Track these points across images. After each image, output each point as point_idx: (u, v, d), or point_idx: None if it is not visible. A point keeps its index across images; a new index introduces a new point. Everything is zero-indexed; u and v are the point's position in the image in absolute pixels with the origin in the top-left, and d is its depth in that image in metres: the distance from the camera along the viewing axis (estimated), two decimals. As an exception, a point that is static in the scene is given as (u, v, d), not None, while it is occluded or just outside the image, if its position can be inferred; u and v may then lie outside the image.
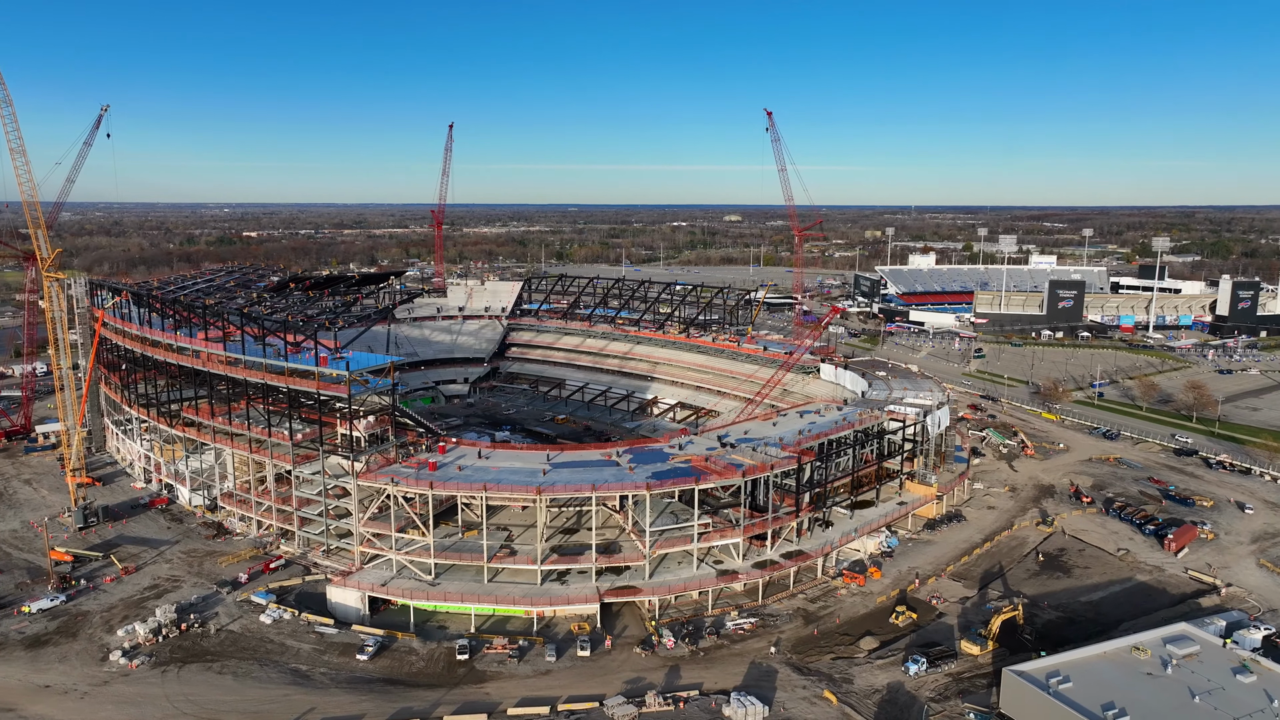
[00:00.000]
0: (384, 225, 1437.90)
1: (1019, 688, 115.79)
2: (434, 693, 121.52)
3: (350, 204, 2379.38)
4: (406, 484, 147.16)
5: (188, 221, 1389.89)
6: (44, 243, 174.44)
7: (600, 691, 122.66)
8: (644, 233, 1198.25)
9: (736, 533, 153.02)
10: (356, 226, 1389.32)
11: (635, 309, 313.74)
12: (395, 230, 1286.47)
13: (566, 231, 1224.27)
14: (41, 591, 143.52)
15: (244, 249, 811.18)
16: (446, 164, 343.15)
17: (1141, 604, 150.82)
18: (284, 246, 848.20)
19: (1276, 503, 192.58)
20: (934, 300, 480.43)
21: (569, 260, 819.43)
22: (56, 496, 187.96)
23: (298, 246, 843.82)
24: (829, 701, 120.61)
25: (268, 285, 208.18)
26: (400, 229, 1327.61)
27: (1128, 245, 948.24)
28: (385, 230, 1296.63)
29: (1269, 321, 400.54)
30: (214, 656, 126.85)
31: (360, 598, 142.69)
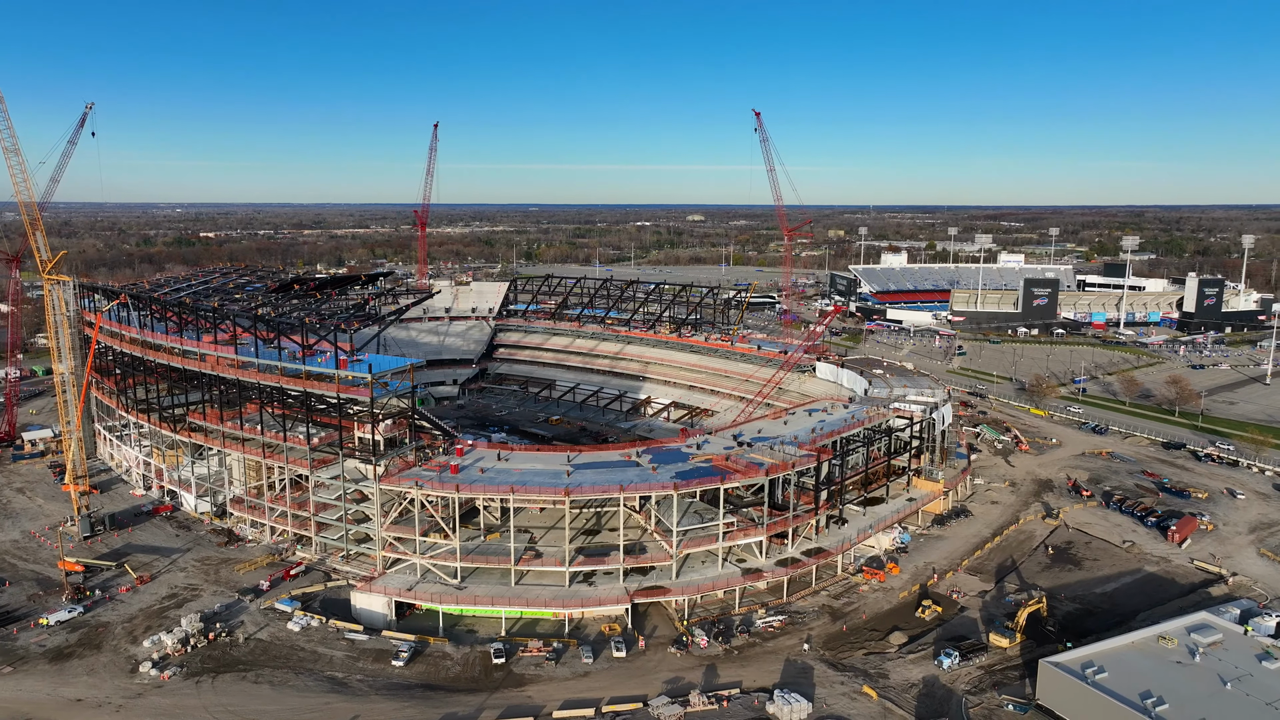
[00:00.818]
0: (344, 225, 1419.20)
1: (1057, 679, 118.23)
2: (475, 697, 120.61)
3: (307, 204, 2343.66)
4: (432, 487, 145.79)
5: (140, 222, 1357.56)
6: (43, 245, 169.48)
7: (641, 692, 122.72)
8: (609, 233, 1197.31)
9: (759, 531, 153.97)
10: (316, 227, 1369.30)
11: (623, 309, 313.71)
12: (357, 230, 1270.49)
13: (531, 231, 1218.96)
14: (56, 603, 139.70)
15: (205, 250, 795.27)
16: (431, 164, 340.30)
17: (1154, 594, 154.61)
18: (247, 247, 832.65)
19: (1267, 494, 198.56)
20: (907, 299, 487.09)
21: (537, 260, 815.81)
22: (54, 505, 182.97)
23: (261, 247, 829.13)
24: (869, 697, 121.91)
25: (269, 287, 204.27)
26: (362, 229, 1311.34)
27: (1085, 244, 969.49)
28: (346, 231, 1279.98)
29: (1233, 318, 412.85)
30: (246, 666, 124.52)
31: (387, 603, 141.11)
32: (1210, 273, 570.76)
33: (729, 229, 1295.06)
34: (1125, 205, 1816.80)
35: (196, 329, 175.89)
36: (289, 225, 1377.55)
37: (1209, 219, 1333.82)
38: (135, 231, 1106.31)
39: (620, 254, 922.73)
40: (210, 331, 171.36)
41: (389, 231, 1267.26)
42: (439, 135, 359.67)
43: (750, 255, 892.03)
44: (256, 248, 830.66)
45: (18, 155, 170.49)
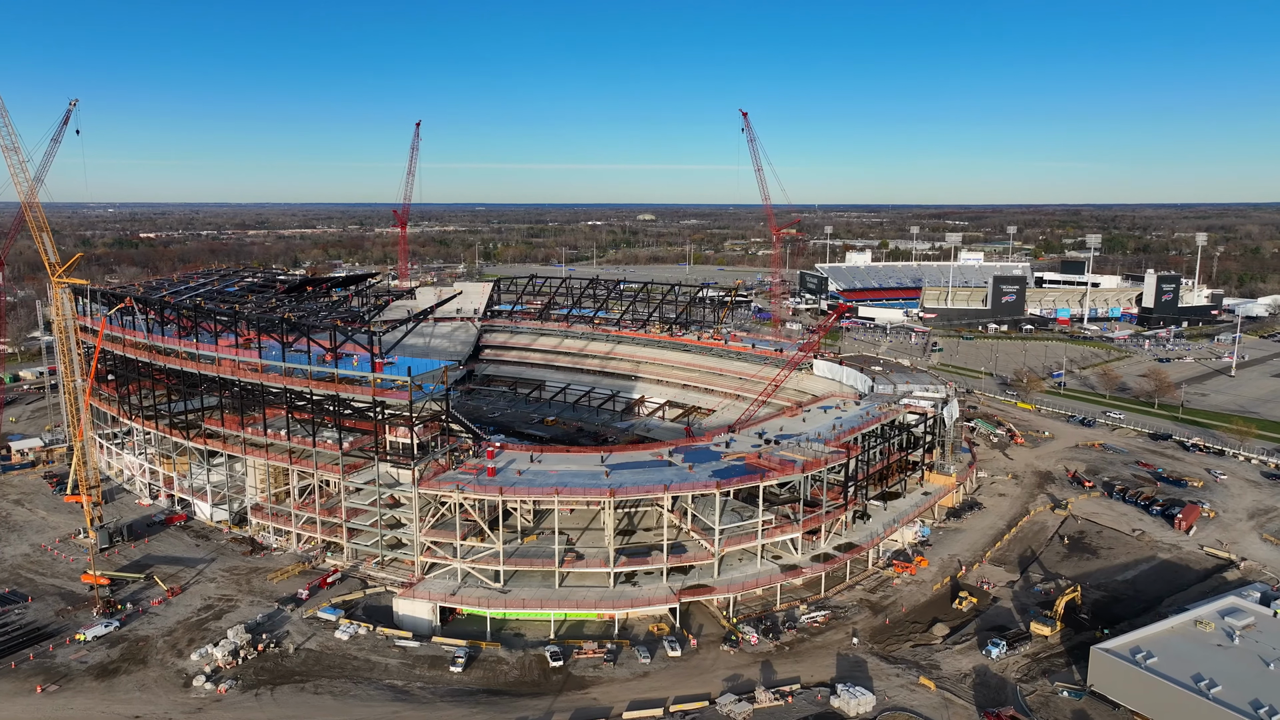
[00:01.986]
0: (290, 225, 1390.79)
1: (1109, 665, 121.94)
2: (540, 701, 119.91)
3: (247, 203, 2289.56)
4: (474, 491, 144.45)
5: (73, 223, 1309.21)
6: (50, 247, 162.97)
7: (703, 691, 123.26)
8: (563, 232, 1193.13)
9: (795, 528, 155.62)
10: (261, 227, 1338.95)
11: (611, 309, 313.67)
12: (305, 230, 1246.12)
13: (484, 231, 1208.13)
14: (88, 617, 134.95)
15: (153, 252, 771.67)
16: (412, 163, 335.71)
17: (1172, 580, 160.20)
18: (196, 249, 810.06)
19: (1258, 481, 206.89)
20: (872, 296, 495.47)
21: (497, 260, 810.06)
22: (58, 517, 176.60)
23: (212, 248, 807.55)
24: (927, 688, 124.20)
25: (278, 289, 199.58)
26: (309, 229, 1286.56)
27: (1030, 242, 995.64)
28: (293, 231, 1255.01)
29: (1189, 313, 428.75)
30: (303, 676, 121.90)
31: (432, 609, 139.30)
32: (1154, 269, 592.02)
33: (681, 228, 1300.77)
34: (1061, 204, 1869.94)
35: (213, 333, 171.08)
36: (232, 225, 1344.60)
37: (1142, 217, 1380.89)
38: (71, 233, 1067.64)
39: (578, 253, 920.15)
40: (229, 335, 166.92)
41: (337, 231, 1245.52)
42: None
43: (708, 254, 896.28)
44: (207, 249, 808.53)
45: (17, 154, 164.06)
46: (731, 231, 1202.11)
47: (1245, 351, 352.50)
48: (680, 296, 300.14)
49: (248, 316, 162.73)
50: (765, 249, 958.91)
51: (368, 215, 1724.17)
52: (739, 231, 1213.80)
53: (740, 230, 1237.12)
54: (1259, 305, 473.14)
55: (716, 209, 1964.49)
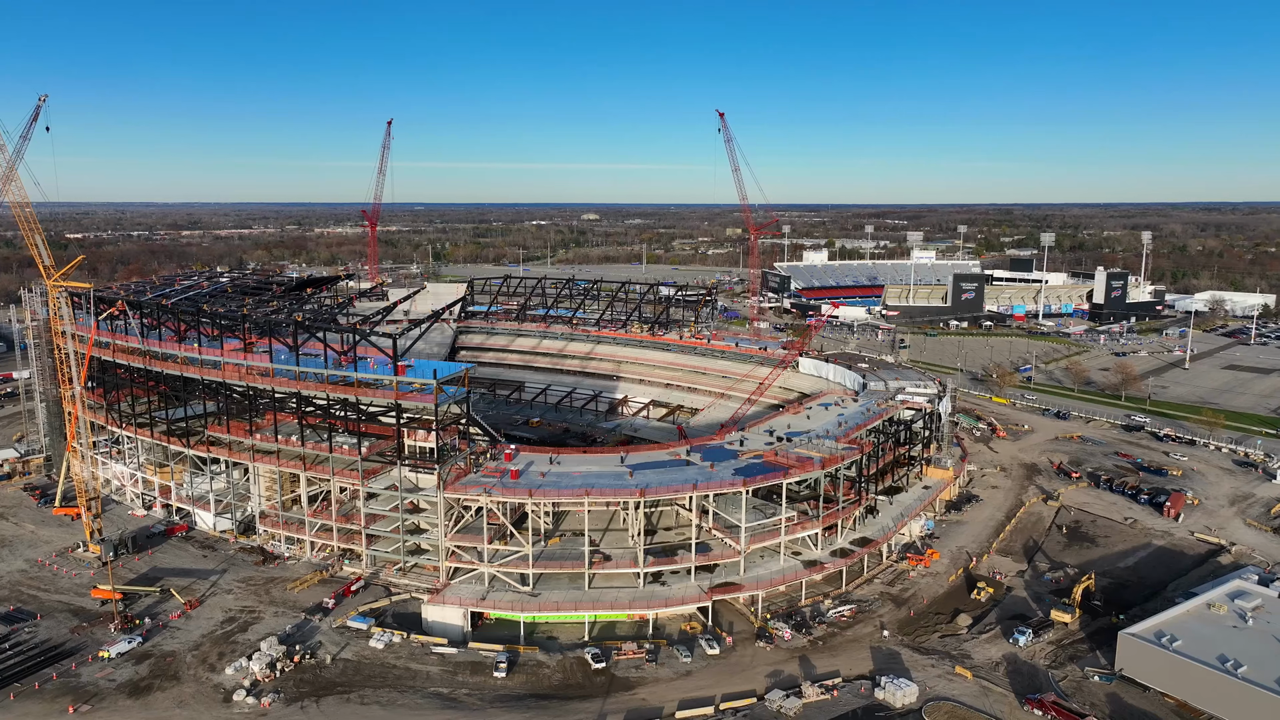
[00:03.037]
0: (224, 226, 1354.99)
1: (1138, 649, 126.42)
2: (591, 704, 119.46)
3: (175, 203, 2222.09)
4: (502, 494, 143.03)
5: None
6: (44, 249, 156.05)
7: (748, 687, 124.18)
8: (509, 232, 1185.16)
9: (815, 524, 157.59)
10: (194, 227, 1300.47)
11: (589, 309, 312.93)
12: (242, 231, 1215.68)
13: (429, 231, 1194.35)
14: (106, 634, 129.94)
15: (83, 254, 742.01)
16: (383, 162, 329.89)
17: (1171, 565, 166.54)
18: (132, 250, 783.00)
19: (1230, 469, 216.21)
20: (830, 294, 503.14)
21: (448, 261, 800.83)
22: (48, 530, 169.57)
23: (151, 249, 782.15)
24: (964, 677, 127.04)
25: (275, 291, 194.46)
26: (246, 230, 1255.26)
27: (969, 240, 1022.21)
28: (229, 231, 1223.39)
29: (1136, 308, 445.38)
30: (346, 687, 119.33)
31: (463, 614, 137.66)
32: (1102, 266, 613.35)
33: (627, 228, 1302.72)
34: (993, 204, 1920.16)
35: (211, 337, 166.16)
36: (163, 226, 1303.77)
37: (1072, 216, 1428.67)
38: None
39: (528, 253, 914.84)
40: (231, 339, 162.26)
41: (276, 232, 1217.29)
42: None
43: (658, 254, 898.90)
44: (144, 250, 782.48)
45: (3, 152, 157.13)
46: (679, 231, 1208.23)
47: (1193, 345, 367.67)
48: (658, 296, 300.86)
49: (257, 320, 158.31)
50: (715, 248, 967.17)
51: (305, 215, 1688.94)
52: (686, 231, 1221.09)
53: (687, 230, 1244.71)
54: (1197, 301, 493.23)
55: (659, 208, 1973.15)
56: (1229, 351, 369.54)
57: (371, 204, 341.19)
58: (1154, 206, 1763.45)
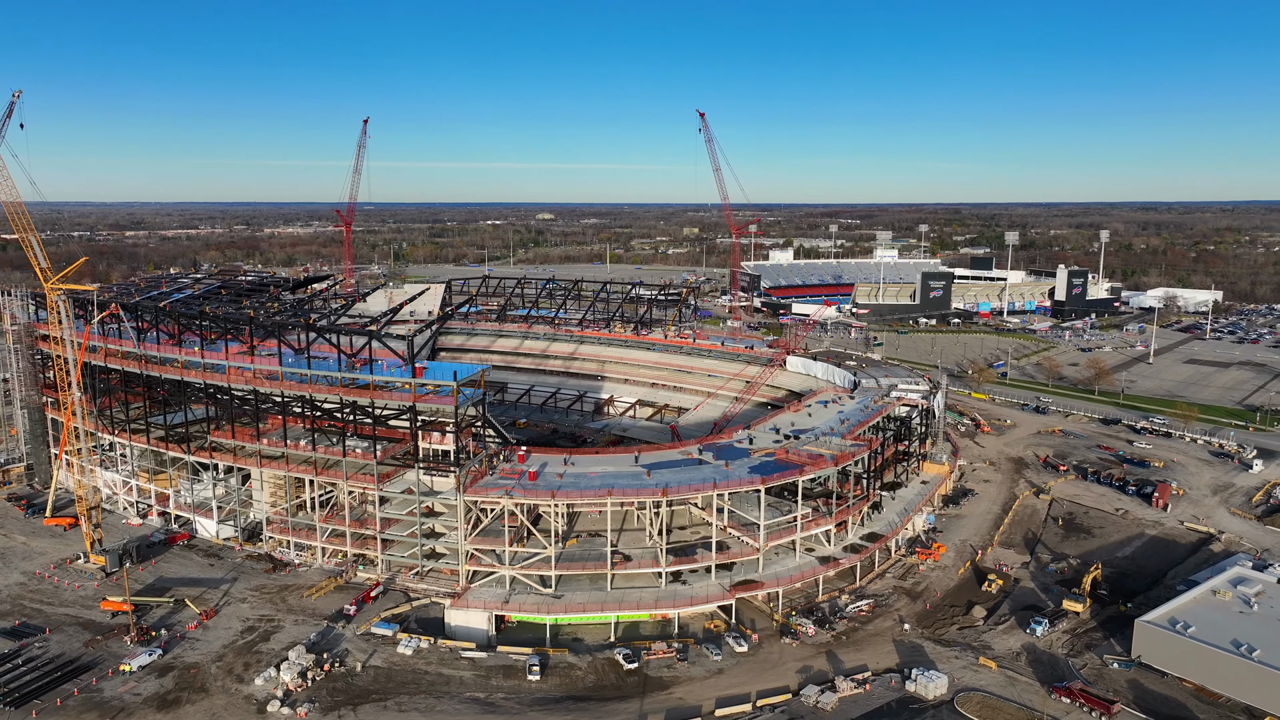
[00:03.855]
0: (168, 226, 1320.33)
1: (1155, 636, 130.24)
2: (630, 704, 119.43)
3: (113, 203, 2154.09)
4: (525, 496, 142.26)
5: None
6: (39, 250, 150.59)
7: (780, 684, 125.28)
8: (465, 232, 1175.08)
9: (828, 521, 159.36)
10: (136, 227, 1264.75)
11: (570, 309, 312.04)
12: (189, 231, 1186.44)
13: (383, 231, 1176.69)
14: (122, 647, 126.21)
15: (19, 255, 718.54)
16: (359, 161, 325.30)
17: (1166, 554, 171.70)
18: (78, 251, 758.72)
19: (1208, 460, 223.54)
20: (797, 293, 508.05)
21: (408, 261, 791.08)
22: (40, 541, 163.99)
23: (99, 250, 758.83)
24: (989, 668, 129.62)
25: (271, 292, 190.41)
26: (192, 230, 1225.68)
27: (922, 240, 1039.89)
28: (175, 231, 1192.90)
29: (1095, 305, 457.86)
30: (380, 695, 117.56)
31: (488, 618, 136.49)
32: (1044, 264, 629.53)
33: (584, 227, 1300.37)
34: (941, 203, 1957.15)
35: (209, 340, 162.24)
36: (104, 226, 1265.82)
37: (1019, 215, 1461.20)
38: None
39: (487, 253, 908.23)
40: (233, 342, 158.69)
41: (224, 232, 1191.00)
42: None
43: (619, 254, 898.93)
44: (91, 251, 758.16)
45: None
46: (636, 230, 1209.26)
47: (1152, 340, 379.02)
48: (640, 296, 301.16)
49: (264, 322, 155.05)
50: (674, 248, 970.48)
51: (252, 215, 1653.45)
52: (643, 230, 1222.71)
53: (644, 229, 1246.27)
54: (1149, 297, 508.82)
55: (613, 208, 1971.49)
56: (1187, 346, 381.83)
57: (346, 204, 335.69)
58: (1095, 206, 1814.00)
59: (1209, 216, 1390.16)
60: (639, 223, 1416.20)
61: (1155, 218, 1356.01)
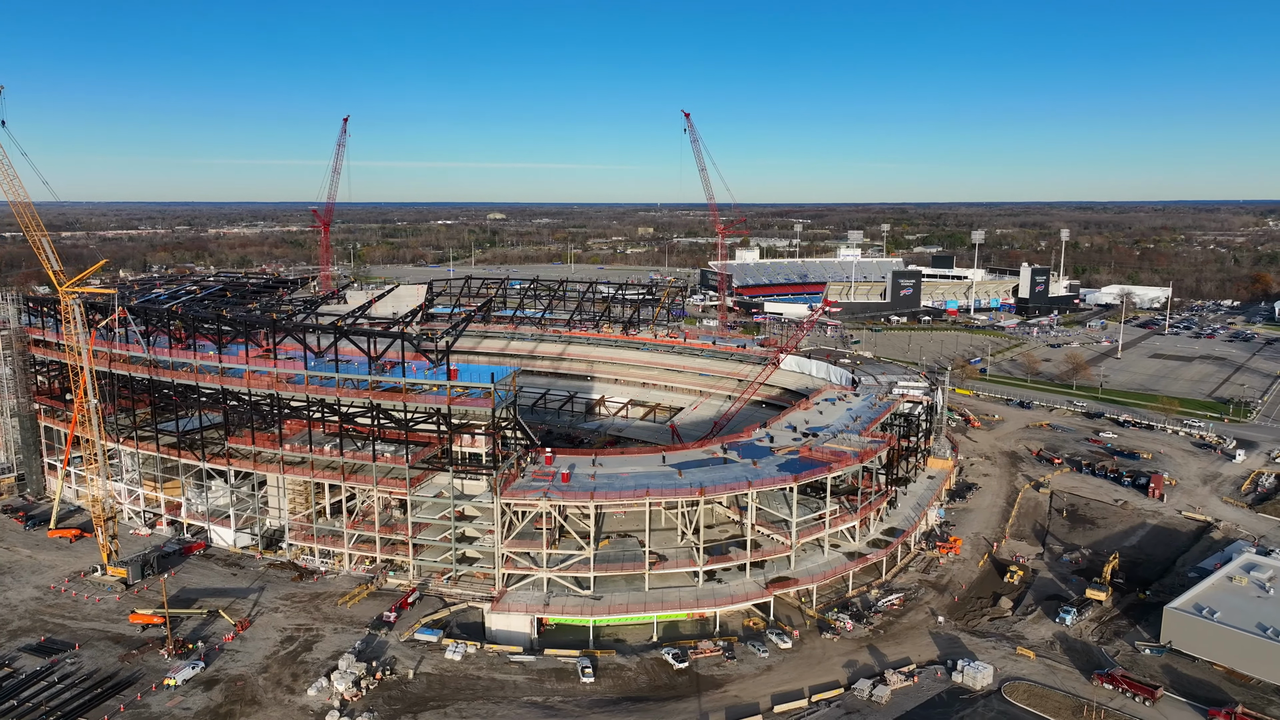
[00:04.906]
0: (106, 226, 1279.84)
1: (1183, 622, 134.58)
2: (686, 703, 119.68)
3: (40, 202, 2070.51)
4: (563, 498, 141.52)
5: None
6: (51, 252, 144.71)
7: (829, 679, 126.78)
8: (418, 231, 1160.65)
9: (853, 517, 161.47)
10: (72, 228, 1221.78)
11: (556, 309, 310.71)
12: (129, 232, 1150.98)
13: (334, 231, 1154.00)
14: (159, 661, 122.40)
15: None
16: (338, 161, 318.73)
17: (1170, 543, 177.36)
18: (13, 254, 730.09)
19: (1193, 451, 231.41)
20: (764, 292, 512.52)
21: (365, 261, 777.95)
22: (47, 554, 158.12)
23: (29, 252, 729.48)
24: (1028, 657, 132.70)
25: (281, 295, 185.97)
26: (132, 230, 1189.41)
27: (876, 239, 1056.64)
28: (115, 232, 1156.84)
29: (1056, 302, 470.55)
30: (439, 702, 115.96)
31: (530, 621, 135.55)
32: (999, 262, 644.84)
33: (538, 227, 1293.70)
34: (888, 203, 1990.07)
35: (220, 344, 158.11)
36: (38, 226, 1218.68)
37: (963, 214, 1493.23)
38: None
39: (443, 253, 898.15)
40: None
41: (167, 233, 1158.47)
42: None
43: (577, 254, 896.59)
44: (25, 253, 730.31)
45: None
46: (591, 230, 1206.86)
47: (1116, 335, 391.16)
48: (628, 295, 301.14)
49: (285, 325, 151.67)
50: (632, 247, 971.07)
51: (192, 215, 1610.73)
52: (598, 230, 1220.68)
53: (599, 229, 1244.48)
54: (1104, 294, 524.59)
55: (564, 208, 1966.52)
56: (1148, 341, 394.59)
57: (324, 204, 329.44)
58: (1035, 205, 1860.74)
59: (1143, 216, 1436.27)
60: (592, 222, 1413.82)
61: (1093, 217, 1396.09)
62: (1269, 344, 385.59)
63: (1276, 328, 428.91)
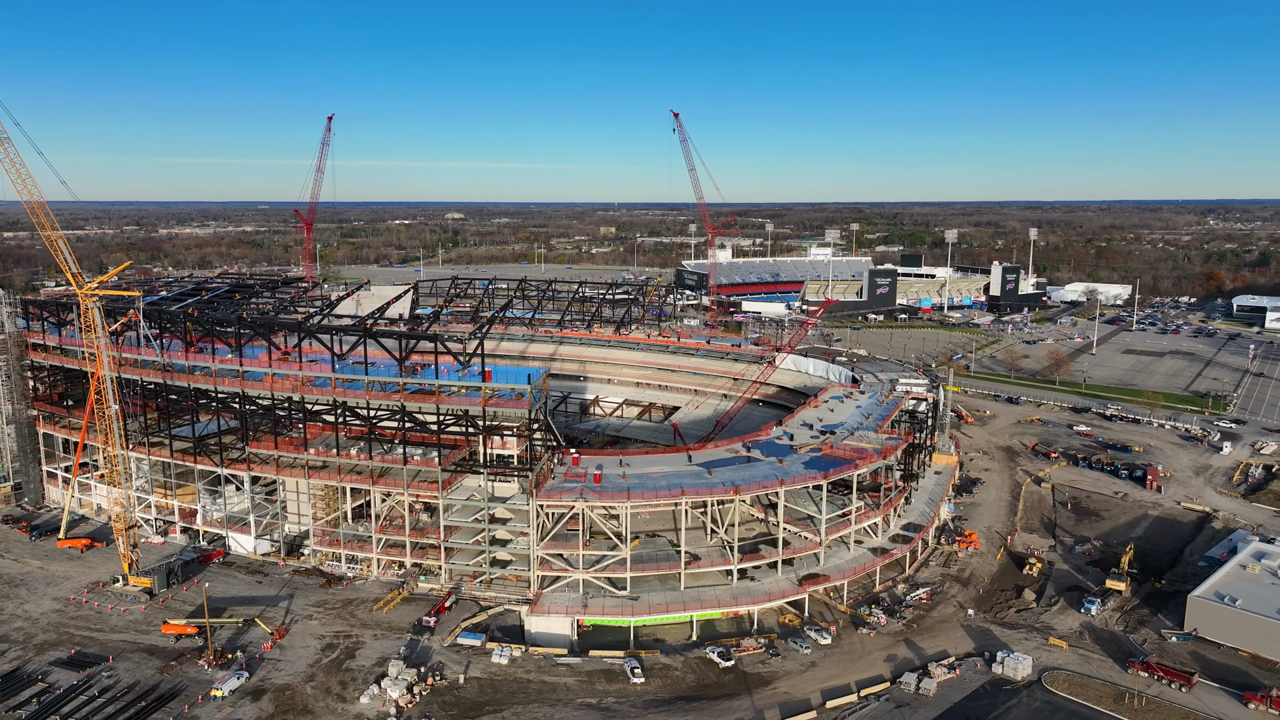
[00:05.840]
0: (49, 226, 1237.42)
1: (1207, 609, 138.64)
2: (739, 701, 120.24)
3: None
4: (599, 499, 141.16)
5: None
6: (69, 254, 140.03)
7: (873, 673, 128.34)
8: (377, 231, 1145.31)
9: (877, 513, 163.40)
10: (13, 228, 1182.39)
11: (546, 309, 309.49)
12: (75, 232, 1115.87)
13: (289, 230, 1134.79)
14: (199, 671, 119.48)
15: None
16: (322, 160, 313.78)
17: (1174, 533, 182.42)
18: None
19: (1180, 443, 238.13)
20: (737, 291, 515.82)
21: (328, 262, 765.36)
22: (58, 565, 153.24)
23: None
24: (1060, 647, 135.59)
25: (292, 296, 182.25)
26: (79, 230, 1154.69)
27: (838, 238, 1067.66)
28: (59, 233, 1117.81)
29: (1026, 299, 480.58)
30: (494, 706, 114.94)
31: (570, 623, 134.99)
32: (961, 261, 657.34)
33: (498, 227, 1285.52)
34: (844, 203, 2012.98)
35: (234, 347, 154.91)
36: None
37: (919, 214, 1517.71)
38: None
39: (406, 253, 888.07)
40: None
41: (114, 233, 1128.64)
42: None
43: (542, 253, 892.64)
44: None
45: (11, 144, 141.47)
46: (553, 230, 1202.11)
47: (1087, 332, 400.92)
48: (618, 295, 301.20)
49: (312, 328, 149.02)
50: (598, 247, 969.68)
51: (140, 215, 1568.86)
52: (559, 230, 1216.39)
53: (560, 229, 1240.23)
54: (1069, 291, 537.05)
55: (522, 207, 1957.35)
56: (1118, 337, 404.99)
57: (307, 203, 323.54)
58: (987, 205, 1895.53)
59: (1091, 215, 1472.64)
60: (553, 222, 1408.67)
61: (1044, 216, 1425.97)
62: (1231, 339, 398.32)
63: (1236, 323, 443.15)
